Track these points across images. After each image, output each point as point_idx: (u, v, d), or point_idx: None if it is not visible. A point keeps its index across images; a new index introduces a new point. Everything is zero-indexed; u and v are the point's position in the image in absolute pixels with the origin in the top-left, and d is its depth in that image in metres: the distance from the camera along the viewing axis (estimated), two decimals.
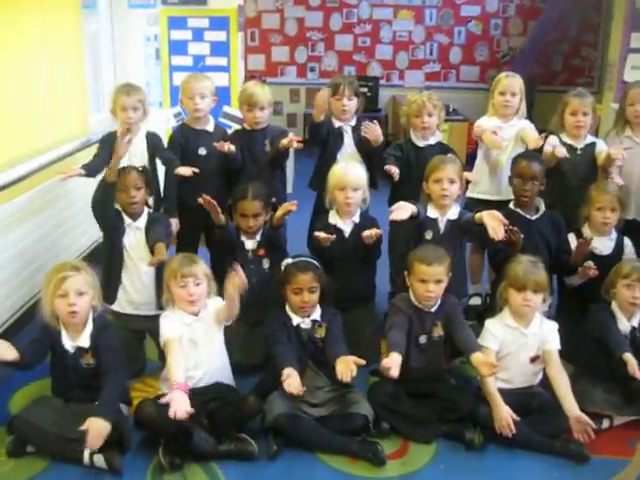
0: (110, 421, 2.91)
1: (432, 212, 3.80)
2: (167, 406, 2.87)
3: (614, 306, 3.53)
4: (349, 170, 3.86)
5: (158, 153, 4.25)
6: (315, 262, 3.49)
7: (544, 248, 3.85)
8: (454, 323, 3.42)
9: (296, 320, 3.40)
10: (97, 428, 2.87)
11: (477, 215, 3.56)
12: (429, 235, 3.77)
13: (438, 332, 3.44)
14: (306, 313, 3.41)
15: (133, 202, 3.74)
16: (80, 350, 3.14)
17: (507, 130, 4.30)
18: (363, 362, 3.15)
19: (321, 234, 3.73)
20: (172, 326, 3.20)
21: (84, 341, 3.14)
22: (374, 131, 4.12)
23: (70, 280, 3.08)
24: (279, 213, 3.79)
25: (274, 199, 4.01)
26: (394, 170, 3.98)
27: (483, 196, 4.35)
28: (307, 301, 3.37)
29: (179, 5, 6.02)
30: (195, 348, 3.21)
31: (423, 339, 3.44)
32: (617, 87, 6.24)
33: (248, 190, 3.84)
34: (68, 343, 3.15)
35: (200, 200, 3.73)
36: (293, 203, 3.74)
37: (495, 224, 3.45)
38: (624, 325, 3.50)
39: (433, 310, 3.45)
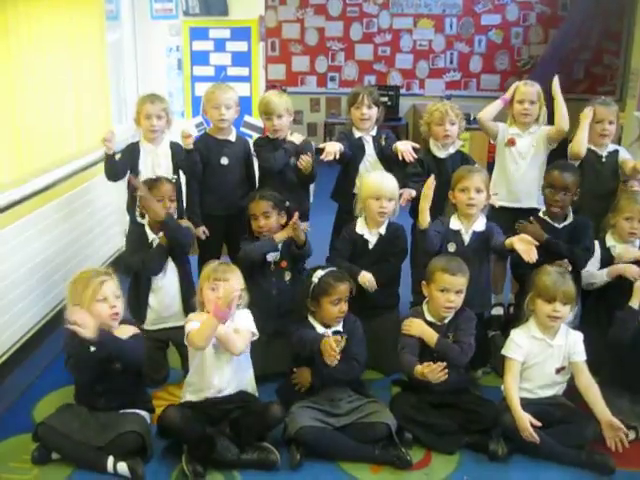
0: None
1: (455, 224, 3.79)
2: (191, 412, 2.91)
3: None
4: (385, 180, 3.86)
5: (180, 162, 4.26)
6: (343, 271, 3.52)
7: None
8: (460, 331, 3.41)
9: (322, 329, 3.40)
10: None
11: (507, 241, 3.56)
12: (452, 247, 3.75)
13: None
14: (339, 323, 3.41)
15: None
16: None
17: (526, 138, 4.30)
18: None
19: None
20: (196, 325, 3.17)
21: None
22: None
23: (108, 284, 3.12)
24: (283, 234, 3.76)
25: (288, 202, 4.01)
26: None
27: (502, 203, 4.32)
28: (344, 311, 3.39)
29: (201, 16, 6.05)
30: (218, 356, 3.20)
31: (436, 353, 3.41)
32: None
33: (256, 192, 3.89)
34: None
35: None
36: (305, 227, 3.75)
37: (526, 247, 3.45)
38: None
39: (445, 322, 3.43)
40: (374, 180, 3.88)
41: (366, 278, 3.79)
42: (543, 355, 3.33)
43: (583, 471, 3.12)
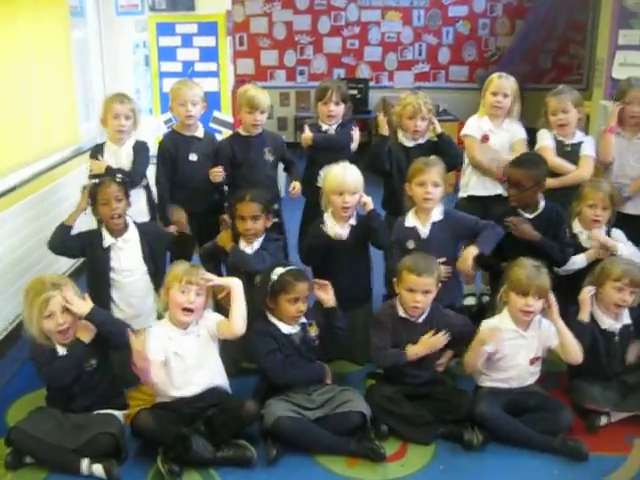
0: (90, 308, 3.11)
1: (409, 221, 3.78)
2: (164, 413, 2.89)
3: (595, 308, 3.51)
4: (347, 174, 3.79)
5: (133, 163, 4.22)
6: (302, 270, 3.51)
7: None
8: (447, 326, 3.43)
9: (286, 329, 3.39)
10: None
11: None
12: (411, 244, 3.73)
13: None
14: (297, 322, 3.40)
15: (116, 214, 3.72)
16: None
17: (498, 134, 4.31)
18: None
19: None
20: (156, 346, 3.16)
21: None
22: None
23: (54, 300, 3.07)
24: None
25: (277, 206, 3.98)
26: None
27: (473, 193, 4.37)
28: (302, 310, 3.37)
29: (167, 11, 6.02)
30: (183, 362, 3.19)
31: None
32: (606, 84, 6.25)
33: (246, 193, 3.83)
34: (63, 351, 3.14)
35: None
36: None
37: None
38: (608, 324, 3.49)
39: (420, 320, 3.44)
40: (335, 175, 3.81)
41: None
42: (516, 346, 3.35)
43: (557, 457, 3.15)
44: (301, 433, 3.15)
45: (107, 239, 3.76)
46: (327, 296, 3.49)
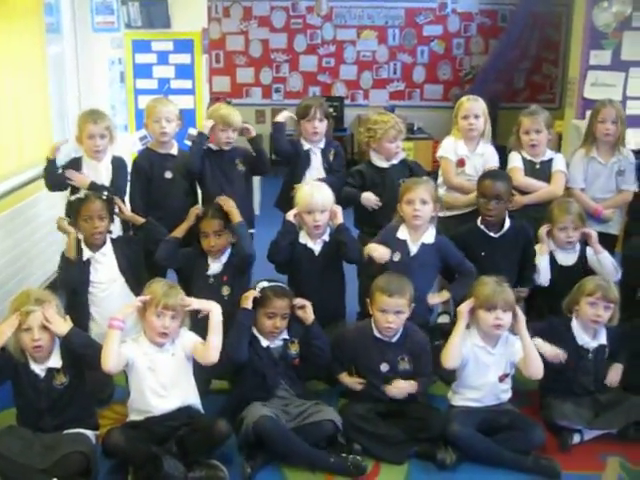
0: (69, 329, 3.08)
1: (402, 233, 3.81)
2: (136, 432, 2.85)
3: (574, 323, 3.56)
4: (315, 193, 3.83)
5: (113, 179, 4.20)
6: (288, 288, 3.51)
7: (506, 265, 3.87)
8: (416, 359, 3.46)
9: (265, 342, 3.41)
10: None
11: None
12: (397, 257, 3.77)
13: (404, 366, 3.45)
14: (274, 338, 3.41)
15: (98, 232, 3.72)
16: (52, 371, 3.11)
17: (474, 160, 4.34)
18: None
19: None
20: (130, 349, 3.17)
21: (55, 361, 3.12)
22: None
23: (34, 315, 3.03)
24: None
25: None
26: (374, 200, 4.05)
27: (447, 212, 4.38)
28: (279, 327, 3.38)
29: (143, 28, 6.02)
30: (156, 378, 3.17)
31: (385, 367, 3.44)
32: (578, 104, 6.34)
33: (209, 209, 3.88)
34: (38, 367, 3.10)
35: None
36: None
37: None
38: (585, 341, 3.54)
39: (394, 340, 3.45)
40: (305, 194, 3.85)
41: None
42: (485, 363, 3.37)
43: (530, 476, 3.15)
44: (282, 437, 3.14)
45: (86, 252, 3.76)
46: (306, 315, 3.49)
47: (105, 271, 3.80)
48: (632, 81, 6.11)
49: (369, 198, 4.14)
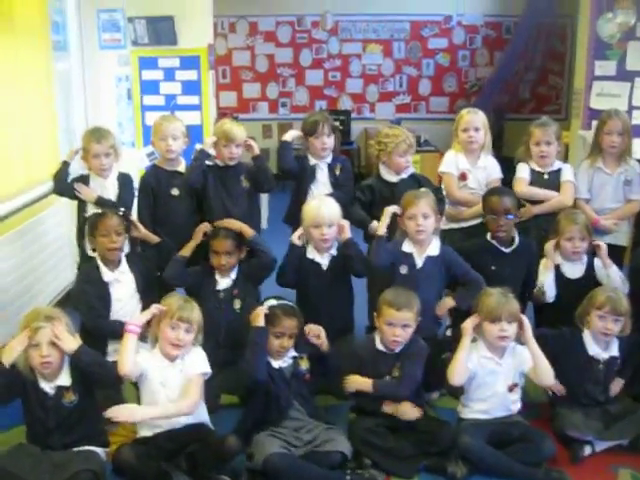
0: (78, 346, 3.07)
1: (407, 246, 3.81)
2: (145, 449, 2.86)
3: (586, 334, 3.55)
4: (322, 207, 3.85)
5: (120, 195, 4.22)
6: (297, 307, 3.50)
7: (516, 279, 3.88)
8: (407, 361, 3.44)
9: (276, 363, 3.39)
10: None
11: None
12: (404, 270, 3.78)
13: (394, 374, 3.44)
14: (281, 357, 3.40)
15: (115, 248, 3.74)
16: (61, 389, 3.10)
17: (476, 173, 4.35)
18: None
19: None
20: (145, 360, 3.20)
21: (64, 379, 3.11)
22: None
23: (42, 331, 3.03)
24: None
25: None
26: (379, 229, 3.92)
27: (453, 225, 4.42)
28: (286, 346, 3.37)
29: (150, 46, 6.06)
30: (166, 393, 3.19)
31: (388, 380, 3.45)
32: (584, 114, 6.33)
33: (220, 228, 3.91)
34: (47, 386, 3.10)
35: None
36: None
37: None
38: (596, 352, 3.53)
39: (396, 352, 3.46)
40: (312, 208, 3.88)
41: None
42: (493, 374, 3.37)
43: None
44: (294, 470, 3.10)
45: (106, 274, 3.78)
46: (320, 341, 3.48)
47: (124, 289, 3.82)
48: (637, 91, 6.10)
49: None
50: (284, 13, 9.82)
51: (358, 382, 3.43)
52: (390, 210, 3.81)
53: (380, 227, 3.79)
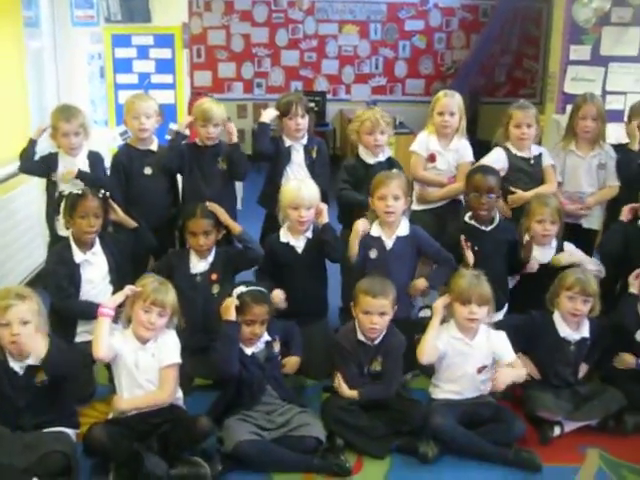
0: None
1: (376, 230, 3.81)
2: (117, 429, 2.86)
3: (556, 315, 3.59)
4: (302, 189, 3.83)
5: (92, 173, 4.16)
6: (265, 291, 3.46)
7: (498, 257, 3.89)
8: (387, 358, 3.44)
9: (249, 349, 3.36)
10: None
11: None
12: (374, 254, 3.78)
13: (375, 367, 3.44)
14: (253, 344, 3.37)
15: (92, 230, 3.69)
16: (31, 369, 3.05)
17: (446, 156, 4.35)
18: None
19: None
20: (119, 342, 3.17)
21: (34, 359, 3.05)
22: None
23: (13, 309, 2.98)
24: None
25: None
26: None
27: (423, 207, 4.42)
28: (257, 333, 3.34)
29: (123, 23, 5.98)
30: (139, 374, 3.17)
31: (365, 370, 3.45)
32: (558, 98, 6.36)
33: (197, 208, 3.85)
34: (16, 365, 3.05)
35: None
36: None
37: None
38: (567, 333, 3.57)
39: (376, 343, 3.45)
40: (291, 189, 3.87)
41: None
42: (463, 355, 3.39)
43: (511, 469, 3.17)
44: (264, 455, 3.10)
45: (78, 255, 3.71)
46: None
47: (96, 271, 3.76)
48: (611, 76, 6.15)
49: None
50: None
51: (345, 393, 3.40)
52: (359, 229, 3.79)
53: (352, 248, 3.78)
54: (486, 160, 4.28)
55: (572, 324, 3.57)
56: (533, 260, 3.88)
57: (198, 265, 3.87)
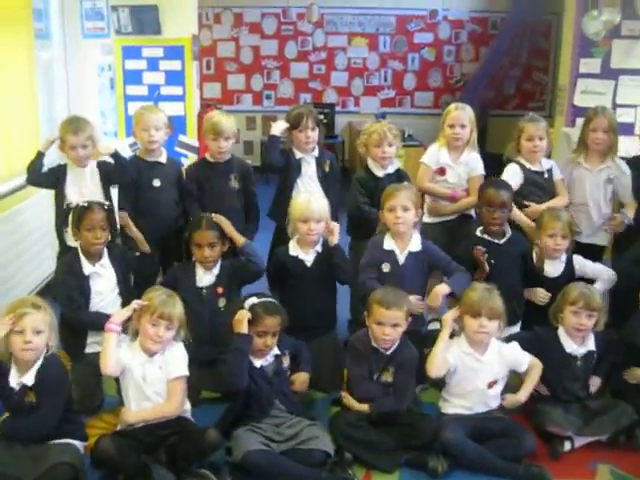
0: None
1: (388, 244, 3.80)
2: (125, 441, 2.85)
3: (561, 331, 3.57)
4: (312, 202, 3.83)
5: (113, 176, 4.16)
6: (277, 302, 3.45)
7: (513, 270, 3.89)
8: (400, 371, 3.42)
9: (258, 362, 3.35)
10: None
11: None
12: (387, 268, 3.76)
13: (386, 378, 3.43)
14: (263, 356, 3.37)
15: (99, 243, 3.68)
16: (24, 387, 3.03)
17: (456, 169, 4.34)
18: None
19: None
20: (127, 355, 3.17)
21: (29, 379, 3.02)
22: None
23: (29, 317, 2.98)
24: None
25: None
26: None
27: (433, 219, 4.42)
28: (269, 345, 3.34)
29: (133, 35, 6.01)
30: (146, 387, 3.16)
31: (375, 377, 3.44)
32: (568, 111, 6.35)
33: (202, 220, 3.84)
34: (14, 380, 3.04)
35: None
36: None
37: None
38: (572, 349, 3.54)
39: (388, 353, 3.44)
40: (301, 202, 3.86)
41: None
42: (473, 370, 3.37)
43: None
44: (272, 466, 3.08)
45: (87, 267, 3.70)
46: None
47: (105, 282, 3.74)
48: (621, 89, 6.14)
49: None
50: (269, 5, 9.77)
51: (354, 406, 3.40)
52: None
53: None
54: (503, 177, 4.25)
55: (577, 339, 3.55)
56: (542, 293, 3.90)
57: (204, 278, 3.85)
